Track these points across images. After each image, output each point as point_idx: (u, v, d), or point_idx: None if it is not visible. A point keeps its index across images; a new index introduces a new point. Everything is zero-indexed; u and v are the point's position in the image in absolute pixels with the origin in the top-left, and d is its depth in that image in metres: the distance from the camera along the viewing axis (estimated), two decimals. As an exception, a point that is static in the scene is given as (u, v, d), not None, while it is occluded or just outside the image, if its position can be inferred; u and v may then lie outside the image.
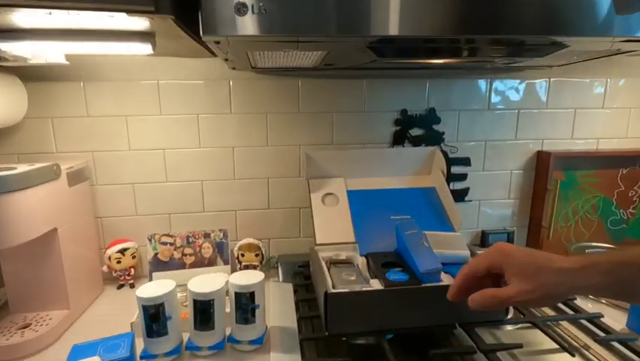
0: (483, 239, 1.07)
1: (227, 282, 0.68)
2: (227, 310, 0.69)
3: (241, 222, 1.00)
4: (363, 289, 0.67)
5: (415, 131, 1.01)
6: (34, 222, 0.68)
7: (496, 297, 0.47)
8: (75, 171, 0.82)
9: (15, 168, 0.67)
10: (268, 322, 0.75)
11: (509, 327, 0.75)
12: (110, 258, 0.89)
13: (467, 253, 0.79)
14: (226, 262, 0.94)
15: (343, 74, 0.95)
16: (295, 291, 0.89)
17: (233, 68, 0.90)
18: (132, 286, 0.93)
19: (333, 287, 0.70)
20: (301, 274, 0.91)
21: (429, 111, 1.00)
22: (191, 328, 0.66)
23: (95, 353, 0.59)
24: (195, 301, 0.64)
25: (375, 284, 0.70)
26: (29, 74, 0.83)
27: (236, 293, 0.66)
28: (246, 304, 0.66)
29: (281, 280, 0.96)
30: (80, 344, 0.62)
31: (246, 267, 0.94)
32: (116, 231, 0.95)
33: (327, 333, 0.66)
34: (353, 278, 0.72)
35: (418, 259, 0.71)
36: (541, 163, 1.05)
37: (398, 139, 1.01)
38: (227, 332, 0.69)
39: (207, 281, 0.67)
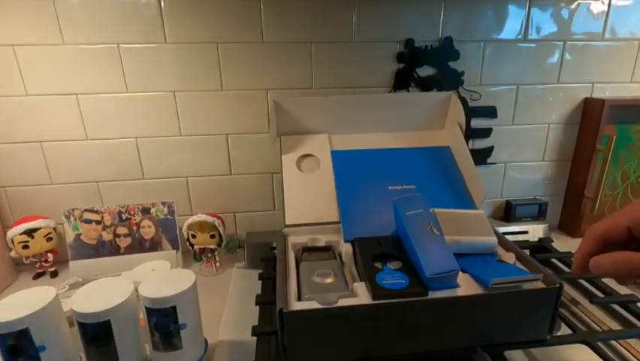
0: (507, 212, 0.84)
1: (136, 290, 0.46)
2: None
3: (196, 193, 0.77)
4: (340, 304, 0.45)
5: (425, 71, 0.74)
6: None
7: (633, 262, 0.28)
8: None
9: None
10: (215, 334, 0.55)
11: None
12: (13, 241, 0.67)
13: (493, 239, 0.56)
14: (174, 246, 0.72)
15: (325, -15, 0.67)
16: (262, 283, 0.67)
17: (165, -25, 0.62)
18: (54, 274, 0.72)
19: (299, 296, 0.48)
20: (274, 260, 0.69)
21: (444, 42, 0.72)
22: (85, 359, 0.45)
23: None
24: (82, 325, 0.42)
25: (361, 291, 0.48)
26: None
27: (147, 309, 0.44)
28: (164, 325, 0.45)
29: (246, 266, 0.74)
30: None
31: (202, 251, 0.73)
32: (26, 205, 0.72)
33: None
34: (329, 281, 0.50)
35: (424, 255, 0.48)
36: (590, 115, 0.79)
37: (401, 81, 0.74)
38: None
39: (106, 289, 0.45)
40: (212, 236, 0.71)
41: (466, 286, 0.48)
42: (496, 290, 0.46)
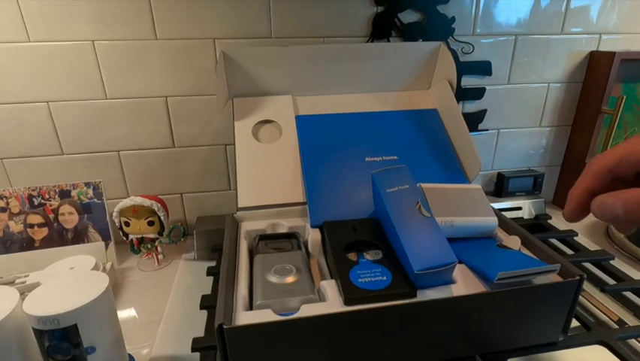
0: (499, 186, 0.74)
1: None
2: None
3: (131, 171, 0.63)
4: (303, 311, 0.34)
5: (408, 16, 0.61)
6: None
7: None
8: None
9: None
10: (149, 348, 0.43)
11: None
12: None
13: (494, 220, 0.46)
14: (105, 236, 0.59)
15: None
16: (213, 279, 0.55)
17: None
18: (-47, 275, 0.57)
19: (250, 304, 0.36)
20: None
21: (433, -21, 0.59)
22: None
23: None
24: None
25: (331, 292, 0.36)
26: None
27: (36, 331, 0.31)
28: (61, 351, 0.32)
29: (196, 257, 0.62)
30: None
31: (140, 241, 0.59)
32: None
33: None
34: (290, 280, 0.38)
35: (411, 244, 0.37)
36: (596, 71, 0.69)
37: (380, 29, 0.61)
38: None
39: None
40: (151, 223, 0.58)
41: (463, 281, 0.38)
42: (503, 287, 0.35)
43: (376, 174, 0.43)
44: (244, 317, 0.34)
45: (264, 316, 0.34)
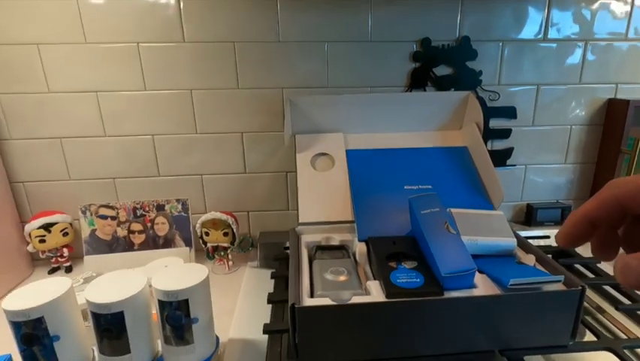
0: (529, 216, 0.81)
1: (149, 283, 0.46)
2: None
3: (210, 191, 0.77)
4: (354, 300, 0.44)
5: (442, 70, 0.73)
6: None
7: None
8: (-39, 118, 0.59)
9: None
10: (227, 332, 0.54)
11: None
12: (30, 235, 0.69)
13: (513, 240, 0.54)
14: (187, 243, 0.73)
15: (342, -16, 0.67)
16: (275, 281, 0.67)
17: (184, -26, 0.63)
18: (69, 269, 0.73)
19: (312, 293, 0.47)
20: (287, 259, 0.68)
21: (461, 41, 0.71)
22: (98, 352, 0.45)
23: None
24: (96, 316, 0.42)
25: (375, 289, 0.46)
26: None
27: (160, 302, 0.44)
28: (176, 319, 0.44)
29: (259, 265, 0.74)
30: None
31: (215, 249, 0.72)
32: (45, 200, 0.73)
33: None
34: (342, 279, 0.49)
35: (440, 253, 0.46)
36: (614, 116, 0.77)
37: (417, 80, 0.73)
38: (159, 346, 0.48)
39: (120, 281, 0.45)
40: (226, 234, 0.71)
41: (483, 286, 0.47)
42: (515, 291, 0.44)
43: (413, 199, 0.54)
44: (308, 302, 0.45)
45: (324, 302, 0.44)
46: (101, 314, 0.42)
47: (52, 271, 0.72)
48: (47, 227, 0.69)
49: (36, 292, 0.43)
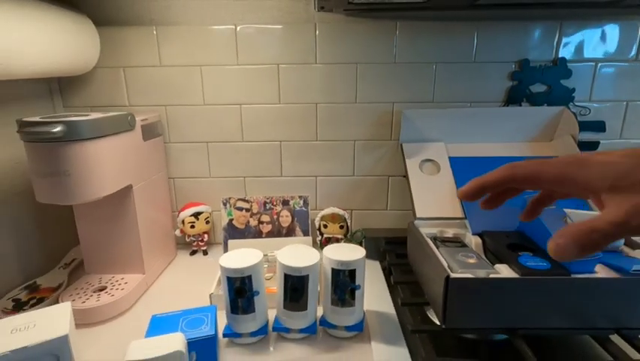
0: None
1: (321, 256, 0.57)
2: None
3: (322, 190, 0.88)
4: (492, 275, 0.53)
5: (537, 88, 0.82)
6: (109, 176, 0.61)
7: (596, 229, 0.26)
8: (149, 124, 0.74)
9: (88, 115, 0.59)
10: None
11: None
12: (183, 221, 0.82)
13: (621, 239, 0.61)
14: (305, 233, 0.84)
15: (451, 15, 0.77)
16: (384, 270, 0.77)
17: (322, 8, 0.76)
18: (205, 253, 0.86)
19: (451, 271, 0.56)
20: (392, 252, 0.78)
21: (558, 62, 0.80)
22: (280, 307, 0.56)
23: (176, 327, 0.51)
24: (287, 277, 0.54)
25: (504, 270, 0.55)
26: (101, 17, 0.76)
27: (333, 270, 0.55)
28: (344, 284, 0.55)
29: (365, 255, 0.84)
30: (160, 316, 0.54)
31: (328, 240, 0.83)
32: (188, 193, 0.87)
33: (443, 326, 0.53)
34: (473, 261, 0.58)
35: (564, 242, 0.55)
36: (701, 131, 0.82)
37: (514, 97, 0.82)
38: (319, 313, 0.59)
39: (298, 254, 0.57)
40: (341, 227, 0.82)
41: (605, 273, 0.54)
42: (638, 276, 0.52)
43: (528, 198, 0.62)
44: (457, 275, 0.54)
45: (471, 275, 0.53)
46: (291, 276, 0.53)
47: (193, 253, 0.86)
48: (197, 215, 0.83)
49: (239, 258, 0.55)
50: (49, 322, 0.48)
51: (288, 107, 0.83)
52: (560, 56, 0.79)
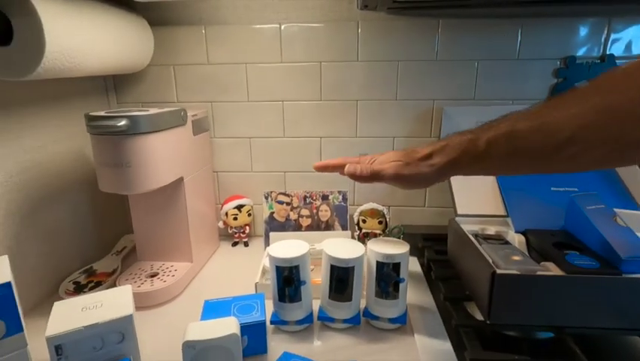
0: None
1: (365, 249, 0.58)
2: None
3: (360, 186, 0.90)
4: (540, 273, 0.53)
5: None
6: (164, 168, 0.65)
7: (372, 168, 0.52)
8: (199, 119, 0.78)
9: (148, 110, 0.63)
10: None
11: None
12: (227, 214, 0.86)
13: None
14: (344, 228, 0.86)
15: (495, 12, 0.77)
16: (422, 266, 0.78)
17: (365, 7, 0.77)
18: (246, 244, 0.89)
19: (496, 267, 0.57)
20: (430, 248, 0.79)
21: (607, 59, 0.78)
22: (325, 297, 0.58)
23: (228, 312, 0.54)
24: (333, 268, 0.56)
25: (551, 268, 0.55)
26: (155, 17, 0.80)
27: (378, 263, 0.56)
28: (388, 277, 0.56)
29: (402, 253, 0.85)
30: (212, 301, 0.57)
31: (366, 235, 0.85)
32: (230, 187, 0.91)
33: (488, 321, 0.53)
34: (518, 258, 0.58)
35: (615, 240, 0.54)
36: None
37: (557, 93, 0.81)
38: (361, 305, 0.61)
39: (343, 246, 0.58)
40: (380, 223, 0.83)
41: (656, 273, 0.53)
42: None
43: (576, 197, 0.62)
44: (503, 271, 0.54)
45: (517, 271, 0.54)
46: (337, 267, 0.55)
47: (234, 244, 0.89)
48: (239, 208, 0.86)
49: (287, 249, 0.57)
50: (114, 302, 0.51)
51: (328, 104, 0.85)
52: (609, 52, 0.77)
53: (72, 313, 0.49)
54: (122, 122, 0.57)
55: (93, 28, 0.60)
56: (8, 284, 0.42)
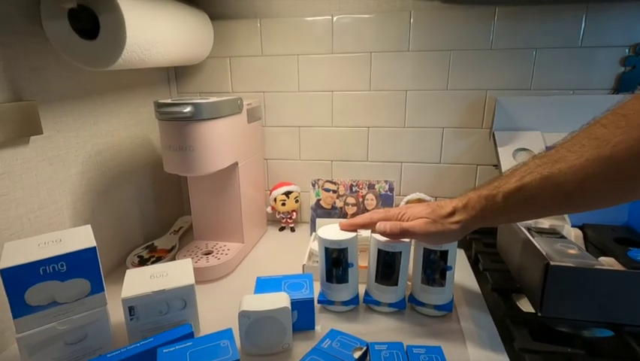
0: None
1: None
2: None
3: (406, 176, 0.90)
4: (597, 267, 0.51)
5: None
6: (222, 152, 0.69)
7: (401, 225, 0.53)
8: (253, 108, 0.82)
9: (208, 98, 0.67)
10: (449, 288, 0.65)
11: None
12: (275, 199, 0.90)
13: None
14: (388, 218, 0.86)
15: (557, -3, 0.74)
16: (469, 258, 0.77)
17: (418, -5, 0.77)
18: (293, 230, 0.93)
19: (550, 260, 0.55)
20: (478, 241, 0.78)
21: (683, 45, 0.72)
22: (371, 281, 0.60)
23: (280, 288, 0.57)
24: (380, 252, 0.57)
25: (610, 263, 0.53)
26: (214, 12, 0.85)
27: (425, 250, 0.57)
28: (435, 264, 0.57)
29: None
30: (264, 278, 0.61)
31: (409, 225, 0.85)
32: (279, 174, 0.95)
33: (539, 313, 0.52)
34: (574, 252, 0.56)
35: (685, 239, 0.51)
36: None
37: (627, 84, 0.76)
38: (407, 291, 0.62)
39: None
40: (426, 213, 0.83)
41: None
42: None
43: None
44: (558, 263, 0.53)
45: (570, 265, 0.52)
46: (384, 252, 0.57)
47: (281, 229, 0.93)
48: (287, 194, 0.89)
49: (332, 232, 0.59)
50: (177, 273, 0.56)
51: (377, 94, 0.85)
52: (686, 38, 0.72)
53: (142, 280, 0.55)
54: (188, 109, 0.61)
55: (164, 23, 0.65)
56: (94, 249, 0.47)
